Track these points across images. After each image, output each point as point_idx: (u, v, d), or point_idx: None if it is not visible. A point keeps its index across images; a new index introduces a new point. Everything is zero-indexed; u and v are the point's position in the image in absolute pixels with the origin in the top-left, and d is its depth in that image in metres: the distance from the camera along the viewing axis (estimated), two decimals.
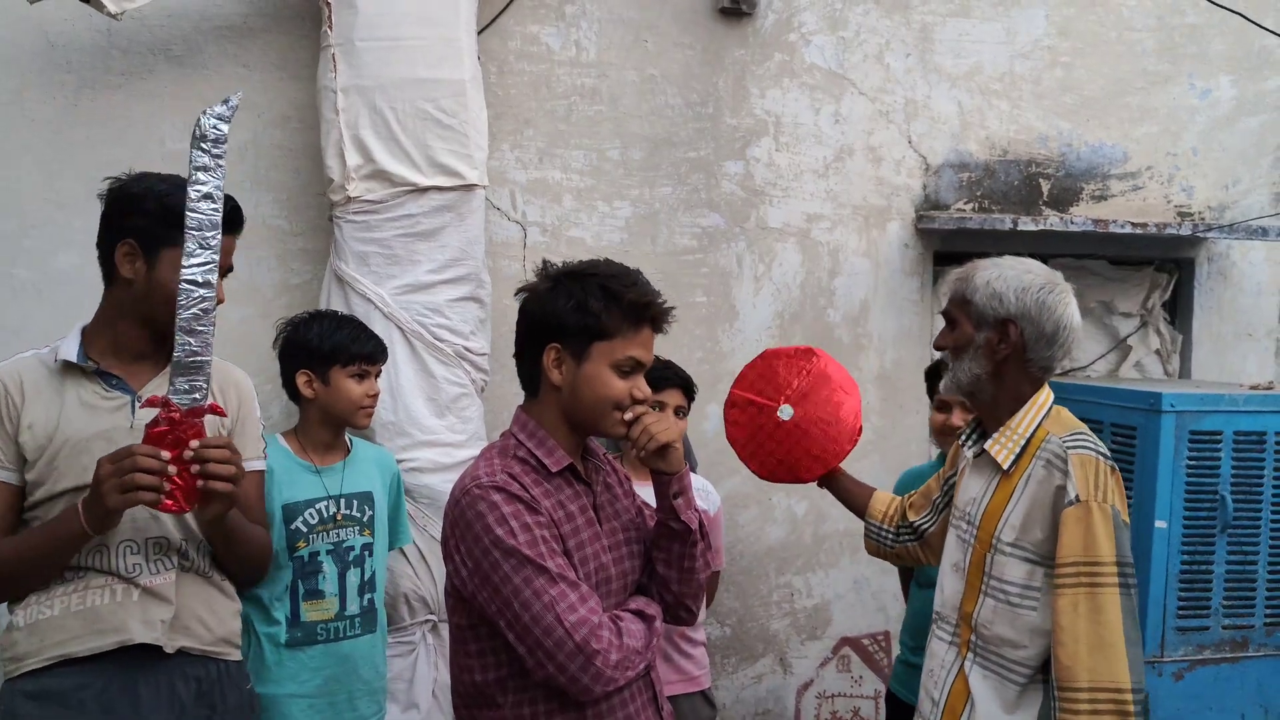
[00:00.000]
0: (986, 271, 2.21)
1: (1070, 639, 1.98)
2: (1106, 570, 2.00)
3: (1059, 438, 2.12)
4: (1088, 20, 4.33)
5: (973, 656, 2.15)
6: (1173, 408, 3.50)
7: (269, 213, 3.53)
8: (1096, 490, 2.04)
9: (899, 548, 2.62)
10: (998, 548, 2.12)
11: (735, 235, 4.01)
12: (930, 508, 2.57)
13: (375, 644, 2.74)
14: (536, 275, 1.98)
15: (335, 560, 2.65)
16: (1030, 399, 2.19)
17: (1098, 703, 1.95)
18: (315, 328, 2.70)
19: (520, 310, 1.98)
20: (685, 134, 3.94)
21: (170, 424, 1.91)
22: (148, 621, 2.05)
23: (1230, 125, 4.53)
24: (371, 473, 2.78)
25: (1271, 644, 3.62)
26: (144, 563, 2.07)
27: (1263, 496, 3.58)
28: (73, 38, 3.33)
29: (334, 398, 2.67)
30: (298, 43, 3.51)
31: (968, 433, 2.33)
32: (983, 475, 2.23)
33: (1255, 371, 4.61)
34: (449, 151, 3.25)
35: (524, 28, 3.75)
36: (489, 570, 1.81)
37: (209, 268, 1.93)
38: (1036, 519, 2.09)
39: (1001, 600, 2.11)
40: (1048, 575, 2.08)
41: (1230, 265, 4.60)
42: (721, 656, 4.11)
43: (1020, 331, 2.16)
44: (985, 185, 4.27)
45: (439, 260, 3.28)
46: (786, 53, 4.03)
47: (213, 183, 1.94)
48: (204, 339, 1.94)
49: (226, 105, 1.98)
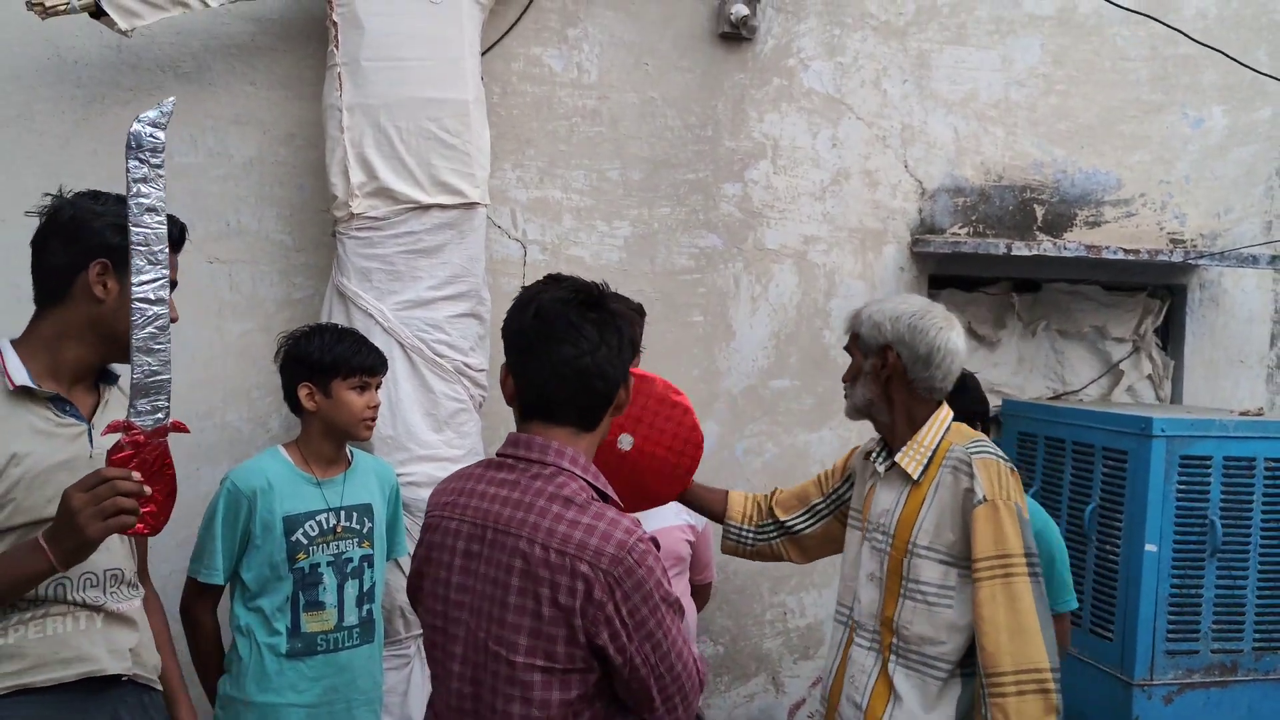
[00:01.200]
0: (870, 306, 2.44)
1: (992, 628, 2.14)
2: (1017, 561, 2.18)
3: (961, 446, 2.33)
4: (1082, 49, 4.40)
5: (895, 658, 2.30)
6: (1164, 433, 3.54)
7: (272, 228, 3.57)
8: (1000, 490, 2.23)
9: (760, 546, 2.70)
10: (914, 552, 2.29)
11: (733, 256, 4.06)
12: (806, 510, 2.69)
13: (373, 654, 2.77)
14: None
15: (335, 572, 2.67)
16: (930, 417, 2.39)
17: (1023, 684, 2.11)
18: (316, 341, 2.72)
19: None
20: (684, 156, 3.99)
21: (135, 447, 1.83)
22: (115, 651, 1.99)
23: (1222, 154, 4.59)
24: (371, 485, 2.80)
25: (1261, 669, 3.65)
26: (103, 595, 2.01)
27: (1252, 522, 3.61)
28: (83, 53, 3.38)
29: (335, 410, 2.69)
30: (304, 61, 3.56)
31: (876, 451, 2.49)
32: (894, 488, 2.40)
33: (1246, 398, 4.65)
34: (451, 170, 3.30)
35: (527, 50, 3.81)
36: (654, 625, 1.74)
37: (160, 284, 1.85)
38: (948, 522, 2.27)
39: (920, 601, 2.27)
40: (960, 574, 2.26)
41: (1222, 292, 4.65)
42: (714, 675, 4.13)
43: (897, 355, 2.36)
44: (980, 210, 4.33)
45: (440, 277, 3.32)
46: (785, 77, 4.09)
47: (155, 194, 1.85)
48: (162, 357, 1.86)
49: (160, 111, 1.87)
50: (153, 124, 1.85)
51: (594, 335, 1.82)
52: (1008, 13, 4.31)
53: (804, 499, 2.71)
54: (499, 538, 1.77)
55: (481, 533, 1.80)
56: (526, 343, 1.83)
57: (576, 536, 1.72)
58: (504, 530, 1.77)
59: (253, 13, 3.50)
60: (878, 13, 4.17)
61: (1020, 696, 2.11)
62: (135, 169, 1.84)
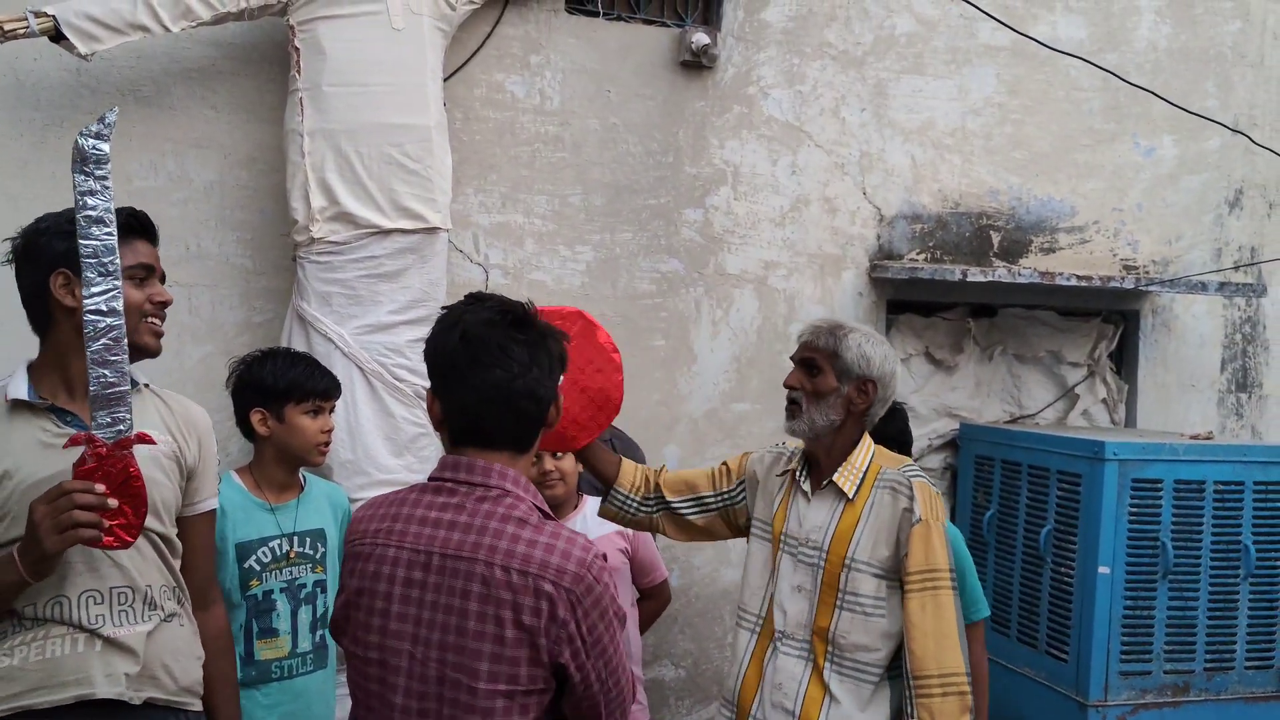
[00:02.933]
0: (857, 334, 2.49)
1: (921, 634, 2.31)
2: (943, 576, 2.35)
3: (894, 470, 2.46)
4: (1036, 80, 4.49)
5: (830, 665, 2.40)
6: (1115, 456, 3.60)
7: (232, 251, 3.56)
8: (933, 511, 2.38)
9: (640, 517, 2.73)
10: (852, 566, 2.39)
11: (694, 281, 4.09)
12: (694, 499, 2.72)
13: (327, 680, 2.75)
14: None
15: (288, 598, 2.66)
16: (860, 441, 2.51)
17: (946, 687, 2.29)
18: (269, 365, 2.71)
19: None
20: (646, 182, 4.03)
21: (98, 459, 1.83)
22: (111, 675, 1.96)
23: (1173, 183, 4.69)
24: (324, 509, 2.79)
25: (1212, 689, 3.71)
26: (108, 613, 1.98)
27: (1202, 544, 3.68)
28: (42, 76, 3.37)
29: (289, 435, 2.68)
30: (265, 86, 3.56)
31: (799, 468, 2.56)
32: (826, 505, 2.48)
33: (1198, 421, 4.74)
34: (413, 195, 3.31)
35: (490, 76, 3.84)
36: (608, 641, 1.76)
37: (112, 294, 1.86)
38: (883, 539, 2.39)
39: (858, 612, 2.38)
40: (889, 586, 2.38)
41: (1174, 318, 4.74)
42: (675, 698, 4.13)
43: (875, 390, 2.47)
44: (937, 236, 4.39)
45: (401, 301, 3.32)
46: (745, 105, 4.14)
47: (101, 206, 1.86)
48: (118, 368, 1.86)
49: (103, 123, 1.88)
50: (95, 136, 1.87)
51: (524, 357, 1.78)
52: (963, 43, 4.40)
53: (693, 488, 2.73)
54: (449, 563, 1.72)
55: (425, 559, 1.74)
56: (453, 366, 1.78)
57: (537, 556, 1.70)
58: (455, 555, 1.72)
59: (213, 37, 3.50)
60: (836, 42, 4.24)
61: (944, 698, 2.28)
62: (81, 182, 1.86)
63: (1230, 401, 4.84)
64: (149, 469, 2.03)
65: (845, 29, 4.26)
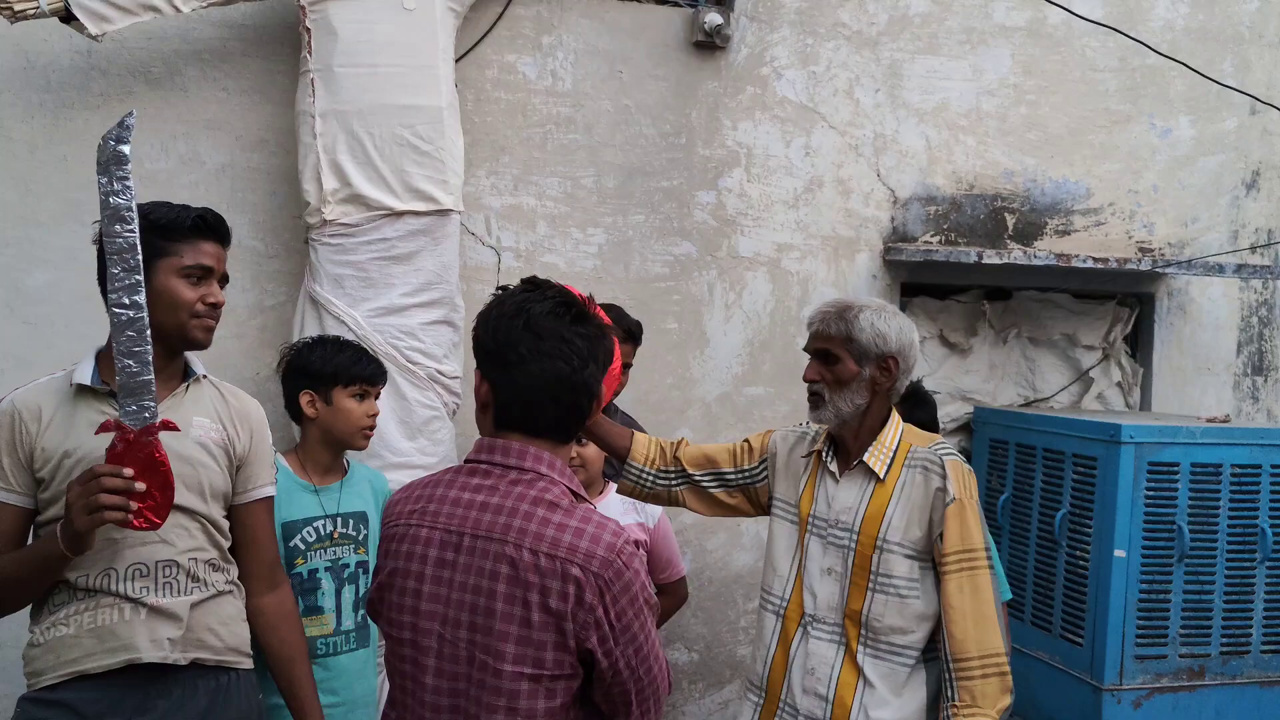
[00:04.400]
0: (868, 312, 2.43)
1: (960, 616, 2.29)
2: (979, 556, 2.32)
3: (925, 448, 2.42)
4: (1052, 60, 4.44)
5: (863, 649, 2.37)
6: (1132, 439, 3.58)
7: (244, 234, 3.55)
8: (966, 490, 2.36)
9: (658, 490, 2.70)
10: (884, 548, 2.36)
11: (707, 264, 4.07)
12: (714, 474, 2.68)
13: (369, 659, 2.82)
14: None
15: (332, 577, 2.73)
16: (889, 419, 2.47)
17: (986, 668, 2.27)
18: (318, 350, 2.81)
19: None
20: (658, 163, 4.00)
21: (126, 445, 1.94)
22: (155, 640, 2.10)
23: (1190, 164, 4.65)
24: (366, 493, 2.86)
25: (1228, 673, 3.70)
26: (152, 585, 2.12)
27: (1219, 527, 3.66)
28: (53, 58, 3.35)
29: (335, 417, 2.76)
30: (276, 67, 3.55)
31: (825, 448, 2.52)
32: (855, 485, 2.44)
33: (1214, 404, 4.71)
34: (425, 177, 3.30)
35: (501, 57, 3.81)
36: (637, 628, 1.74)
37: (134, 287, 1.96)
38: (916, 519, 2.36)
39: (892, 594, 2.35)
40: (924, 568, 2.36)
41: (1189, 300, 4.71)
42: (689, 682, 4.13)
43: (897, 365, 2.42)
44: (952, 218, 4.36)
45: (413, 284, 3.31)
46: (759, 86, 4.11)
47: (123, 205, 1.96)
48: (142, 359, 1.97)
49: (123, 125, 1.98)
50: (116, 140, 1.97)
51: (584, 351, 1.78)
52: (978, 23, 4.36)
53: (713, 463, 2.69)
54: (479, 544, 1.72)
55: (457, 540, 1.74)
56: (515, 353, 1.75)
57: (566, 540, 1.68)
58: (485, 536, 1.71)
59: (225, 18, 3.48)
60: (850, 23, 4.21)
61: (984, 679, 2.26)
62: (104, 184, 1.96)
63: (1246, 385, 4.80)
64: (196, 452, 2.18)
65: (859, 9, 4.22)
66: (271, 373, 3.24)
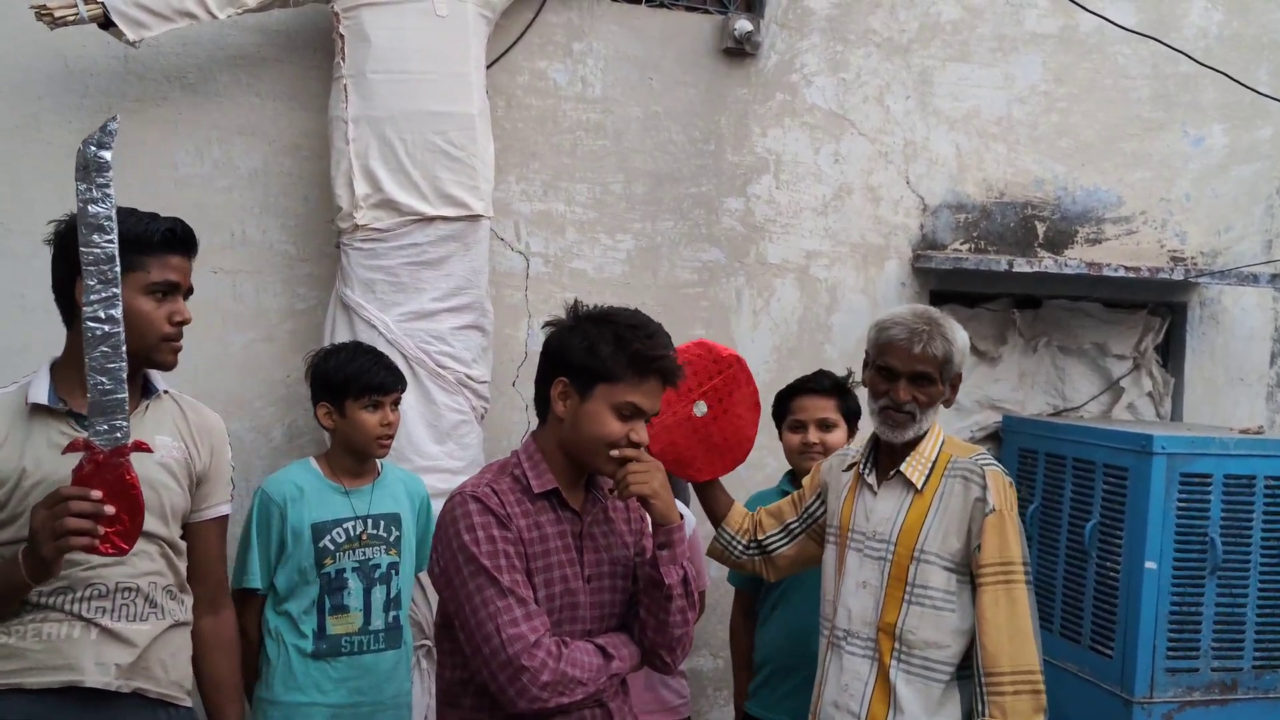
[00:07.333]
0: (952, 330, 2.41)
1: (994, 629, 2.24)
2: (1018, 569, 2.28)
3: (966, 458, 2.39)
4: (1084, 67, 4.42)
5: (897, 664, 2.33)
6: (1164, 450, 3.54)
7: (276, 239, 3.58)
8: (1006, 501, 2.32)
9: (744, 559, 2.75)
10: (921, 558, 2.33)
11: (735, 270, 4.07)
12: (781, 529, 2.71)
13: (400, 660, 2.82)
14: (566, 312, 2.08)
15: (361, 577, 2.75)
16: (930, 428, 2.44)
17: (1019, 684, 2.22)
18: (333, 360, 2.81)
19: (544, 342, 2.08)
20: (688, 170, 4.00)
21: (95, 466, 1.83)
22: (101, 664, 2.00)
23: (1223, 173, 4.60)
24: (400, 495, 2.88)
25: (1261, 687, 3.65)
26: (109, 606, 2.03)
27: (1252, 539, 3.61)
28: (90, 64, 3.40)
29: (350, 429, 2.77)
30: (309, 73, 3.58)
31: (863, 460, 2.51)
32: (893, 496, 2.41)
33: (1246, 416, 4.66)
34: (456, 183, 3.31)
35: (532, 64, 3.83)
36: (453, 573, 1.97)
37: (110, 301, 1.85)
38: (954, 530, 2.33)
39: (928, 606, 2.31)
40: (959, 580, 2.33)
41: (1222, 310, 4.66)
42: (714, 689, 4.12)
43: (960, 380, 2.45)
44: (982, 226, 4.34)
45: (443, 289, 3.33)
46: (788, 93, 4.10)
47: (102, 214, 1.86)
48: (116, 376, 1.85)
49: (105, 131, 1.88)
50: (98, 145, 1.87)
51: None
52: (1010, 31, 4.34)
53: (779, 517, 2.73)
54: None
55: None
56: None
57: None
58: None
59: (259, 24, 3.52)
60: (881, 30, 4.20)
61: (1016, 696, 2.22)
62: (83, 191, 1.86)
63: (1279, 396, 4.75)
64: (158, 474, 2.07)
65: (890, 16, 4.21)
66: (301, 377, 3.26)
